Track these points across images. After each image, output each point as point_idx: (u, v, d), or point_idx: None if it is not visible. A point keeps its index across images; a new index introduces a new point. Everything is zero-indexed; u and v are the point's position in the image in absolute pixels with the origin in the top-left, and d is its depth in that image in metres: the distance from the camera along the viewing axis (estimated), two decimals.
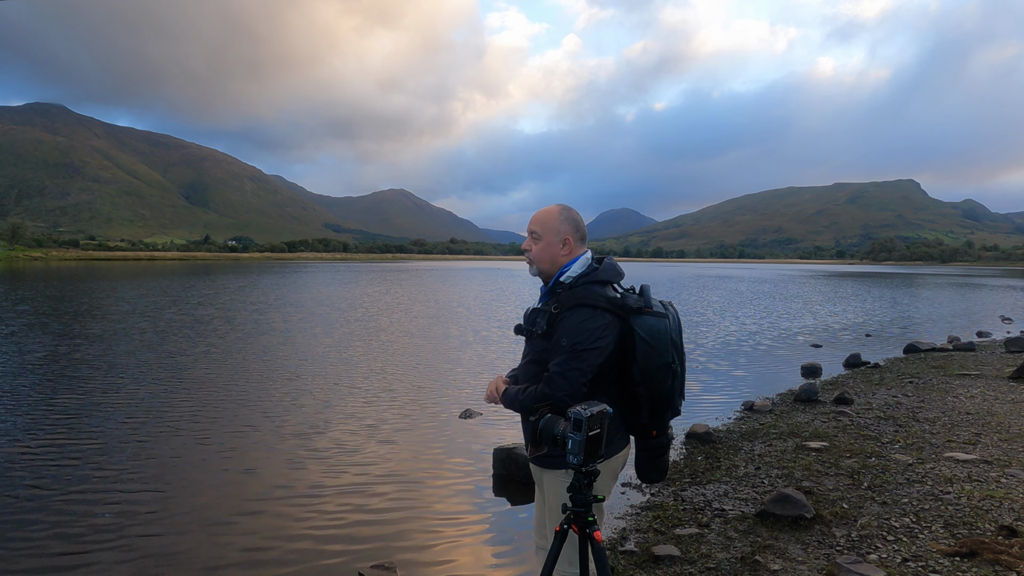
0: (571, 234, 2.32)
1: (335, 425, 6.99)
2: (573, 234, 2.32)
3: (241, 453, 5.98)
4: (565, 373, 2.14)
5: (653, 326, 2.19)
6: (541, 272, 2.37)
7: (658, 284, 41.50)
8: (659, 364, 2.18)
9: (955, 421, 6.58)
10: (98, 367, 10.00)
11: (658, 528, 4.13)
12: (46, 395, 8.10)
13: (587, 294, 2.20)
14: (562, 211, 2.35)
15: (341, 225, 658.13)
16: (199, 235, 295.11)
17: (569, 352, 2.14)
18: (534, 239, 2.35)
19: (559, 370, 2.15)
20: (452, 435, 6.73)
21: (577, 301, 2.19)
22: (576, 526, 2.06)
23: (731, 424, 7.06)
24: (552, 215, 2.35)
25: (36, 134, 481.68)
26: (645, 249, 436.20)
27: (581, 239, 2.35)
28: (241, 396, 8.25)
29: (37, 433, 6.45)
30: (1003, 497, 4.32)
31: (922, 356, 11.97)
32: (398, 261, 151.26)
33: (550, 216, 2.34)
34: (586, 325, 2.15)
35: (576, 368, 2.14)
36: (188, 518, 4.52)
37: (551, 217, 2.34)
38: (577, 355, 2.14)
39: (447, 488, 5.26)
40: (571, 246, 2.32)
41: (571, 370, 2.13)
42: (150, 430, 6.63)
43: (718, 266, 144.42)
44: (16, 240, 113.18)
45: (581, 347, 2.14)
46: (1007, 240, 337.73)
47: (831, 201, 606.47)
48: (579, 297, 2.20)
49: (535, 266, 2.37)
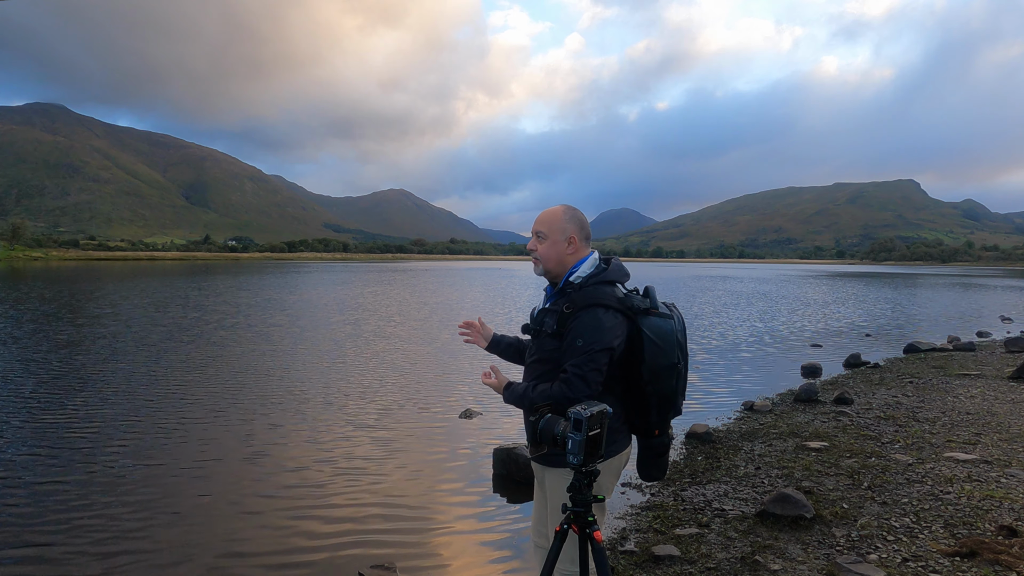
0: (576, 233, 2.33)
1: (335, 425, 6.99)
2: (578, 233, 2.33)
3: (241, 453, 5.98)
4: (584, 375, 2.13)
5: (660, 327, 2.21)
6: (547, 272, 2.38)
7: (658, 285, 41.43)
8: (666, 364, 2.20)
9: (955, 421, 6.58)
10: (98, 367, 10.00)
11: (658, 528, 4.14)
12: (42, 401, 8.09)
13: (600, 294, 2.21)
14: (567, 211, 2.37)
15: (341, 225, 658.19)
16: (199, 235, 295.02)
17: (585, 353, 2.14)
18: (539, 239, 2.36)
19: (578, 372, 2.14)
20: (452, 435, 6.73)
21: (590, 301, 2.19)
22: (576, 526, 2.06)
23: (731, 424, 7.06)
24: (557, 215, 2.36)
25: (36, 134, 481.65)
26: (645, 249, 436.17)
27: (586, 239, 2.36)
28: (240, 396, 8.25)
29: (36, 436, 6.46)
30: (1003, 497, 4.32)
31: (922, 356, 11.97)
32: (398, 261, 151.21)
33: (555, 216, 2.36)
34: (601, 325, 2.16)
35: (594, 369, 2.14)
36: (188, 518, 4.53)
37: (556, 217, 2.35)
38: (593, 355, 2.14)
39: (447, 488, 5.26)
40: (576, 245, 2.33)
41: (590, 371, 2.14)
42: (151, 431, 6.63)
43: (718, 266, 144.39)
44: (16, 240, 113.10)
45: (597, 347, 2.14)
46: (1007, 240, 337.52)
47: (831, 201, 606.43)
48: (592, 297, 2.20)
49: (541, 265, 2.38)
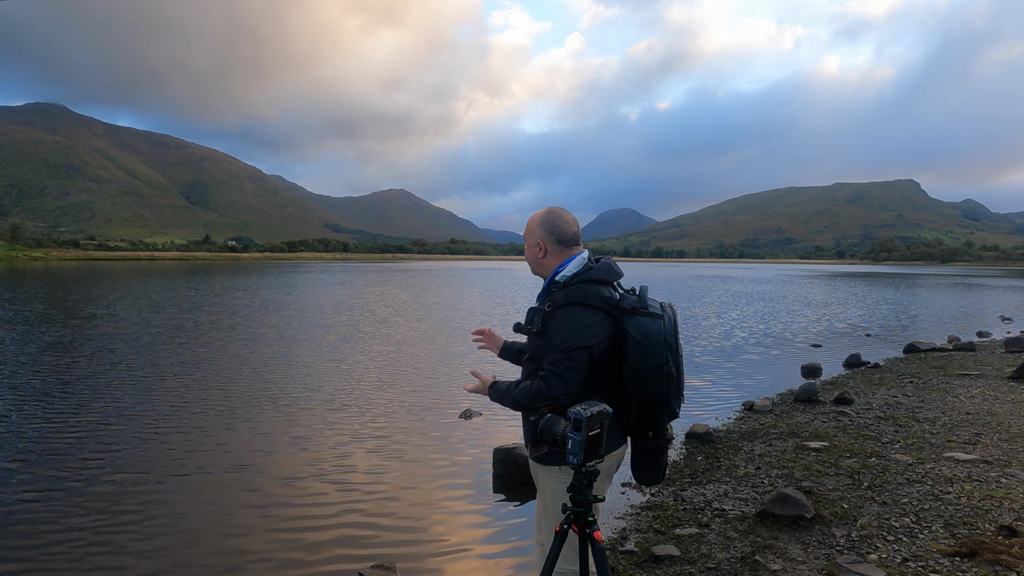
0: (544, 238, 2.39)
1: (335, 425, 6.99)
2: (546, 238, 2.39)
3: (241, 453, 5.99)
4: (560, 372, 2.16)
5: (646, 327, 2.20)
6: (533, 272, 2.49)
7: (658, 285, 41.51)
8: (651, 365, 2.19)
9: (955, 421, 6.58)
10: (97, 367, 10.00)
11: (658, 528, 4.14)
12: (42, 402, 8.09)
13: (580, 293, 2.23)
14: (542, 216, 2.44)
15: (341, 225, 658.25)
16: (199, 235, 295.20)
17: (561, 351, 2.17)
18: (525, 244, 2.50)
19: (554, 369, 2.16)
20: (452, 435, 6.73)
21: (570, 300, 2.22)
22: (576, 526, 2.06)
23: (731, 424, 7.06)
24: (532, 221, 2.46)
25: (36, 134, 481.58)
26: (645, 249, 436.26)
27: (559, 242, 2.38)
28: (241, 396, 8.25)
29: (35, 440, 6.45)
30: (1003, 497, 4.32)
31: (922, 356, 11.97)
32: (398, 261, 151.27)
33: (531, 222, 2.47)
34: (579, 323, 2.17)
35: (571, 367, 2.16)
36: (188, 518, 4.53)
37: (531, 222, 2.46)
38: (569, 353, 2.16)
39: (447, 488, 5.26)
40: (545, 249, 2.39)
41: (565, 369, 2.15)
42: (151, 432, 6.63)
43: (718, 266, 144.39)
44: (16, 240, 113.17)
45: (574, 345, 2.16)
46: (1007, 240, 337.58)
47: (831, 201, 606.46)
48: (571, 296, 2.23)
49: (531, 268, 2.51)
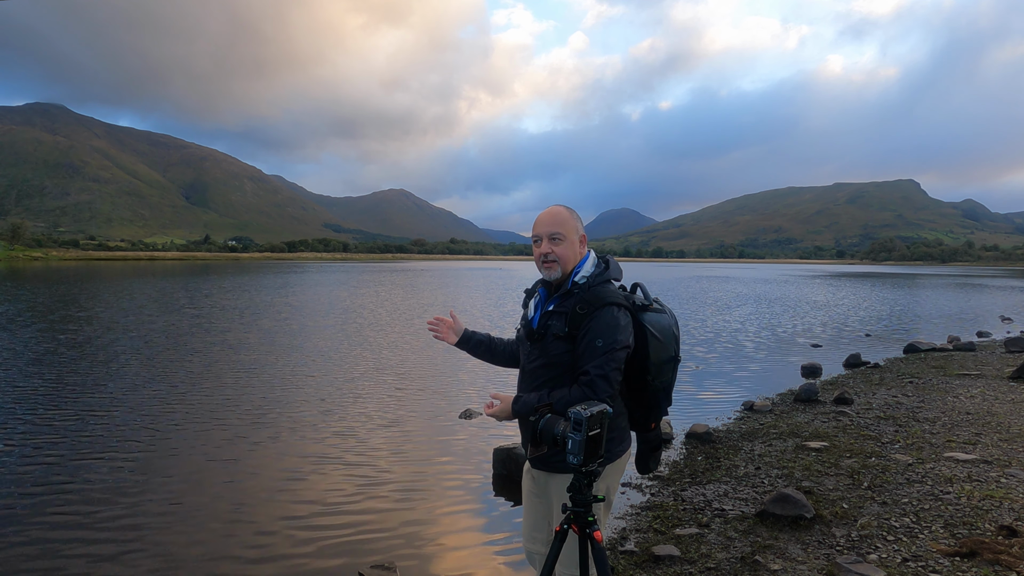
0: (583, 232, 2.35)
1: (334, 425, 6.99)
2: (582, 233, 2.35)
3: (241, 453, 5.98)
4: (607, 375, 2.11)
5: (660, 322, 2.23)
6: (563, 274, 2.27)
7: (658, 285, 41.50)
8: (666, 358, 2.24)
9: (955, 421, 6.58)
10: (97, 367, 10.00)
11: (658, 528, 4.14)
12: (39, 405, 8.09)
13: (611, 293, 2.19)
14: (570, 211, 2.35)
15: (341, 225, 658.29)
16: (199, 235, 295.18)
17: (606, 353, 2.11)
18: (556, 241, 2.25)
19: (600, 372, 2.10)
20: (452, 435, 6.73)
21: (606, 300, 2.17)
22: (576, 526, 2.05)
23: (731, 424, 7.06)
24: (566, 216, 2.31)
25: (36, 134, 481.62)
26: (645, 249, 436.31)
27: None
28: (241, 396, 8.24)
29: (33, 440, 6.46)
30: (1003, 497, 4.32)
31: (922, 356, 11.97)
32: (398, 261, 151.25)
33: (565, 217, 2.30)
34: (618, 324, 2.14)
35: (616, 368, 2.13)
36: (188, 518, 4.53)
37: (567, 218, 2.30)
38: (614, 354, 2.12)
39: (447, 488, 5.26)
40: (585, 243, 2.35)
41: (612, 371, 2.12)
42: (151, 432, 6.63)
43: (718, 266, 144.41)
44: (16, 240, 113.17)
45: (617, 347, 2.12)
46: (1007, 240, 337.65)
47: (831, 201, 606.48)
48: (605, 296, 2.17)
49: (558, 268, 2.26)
